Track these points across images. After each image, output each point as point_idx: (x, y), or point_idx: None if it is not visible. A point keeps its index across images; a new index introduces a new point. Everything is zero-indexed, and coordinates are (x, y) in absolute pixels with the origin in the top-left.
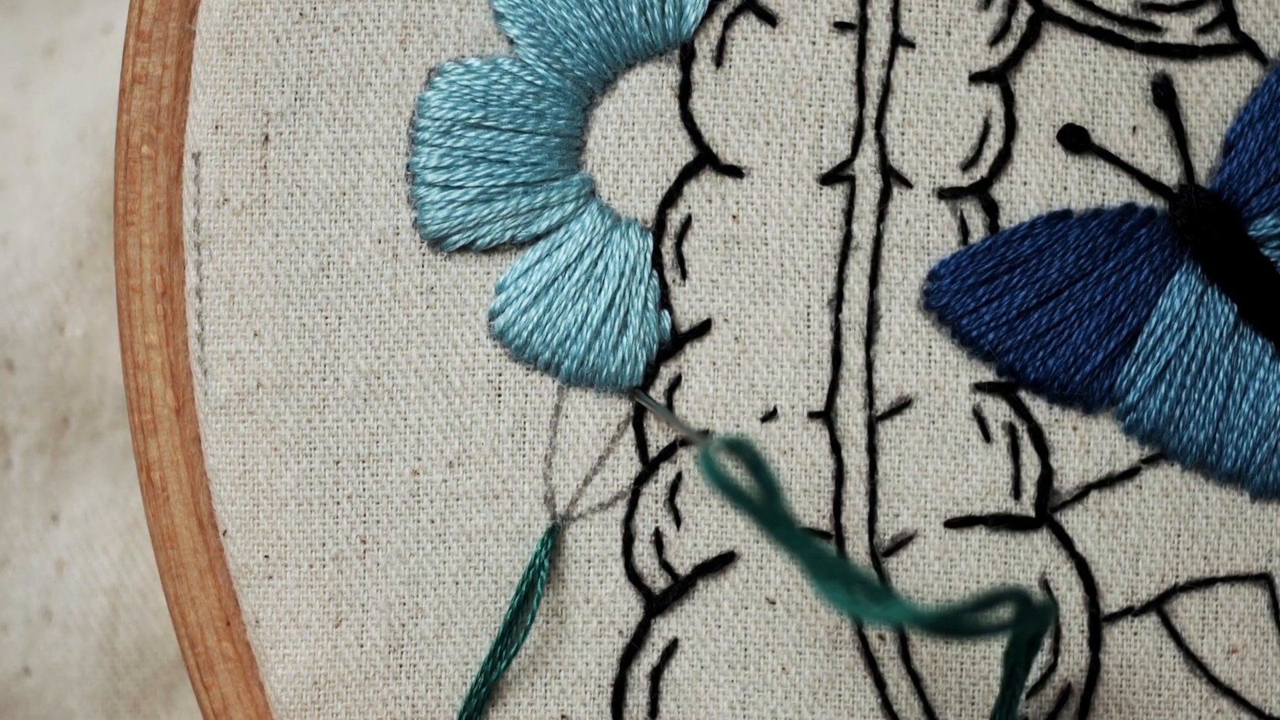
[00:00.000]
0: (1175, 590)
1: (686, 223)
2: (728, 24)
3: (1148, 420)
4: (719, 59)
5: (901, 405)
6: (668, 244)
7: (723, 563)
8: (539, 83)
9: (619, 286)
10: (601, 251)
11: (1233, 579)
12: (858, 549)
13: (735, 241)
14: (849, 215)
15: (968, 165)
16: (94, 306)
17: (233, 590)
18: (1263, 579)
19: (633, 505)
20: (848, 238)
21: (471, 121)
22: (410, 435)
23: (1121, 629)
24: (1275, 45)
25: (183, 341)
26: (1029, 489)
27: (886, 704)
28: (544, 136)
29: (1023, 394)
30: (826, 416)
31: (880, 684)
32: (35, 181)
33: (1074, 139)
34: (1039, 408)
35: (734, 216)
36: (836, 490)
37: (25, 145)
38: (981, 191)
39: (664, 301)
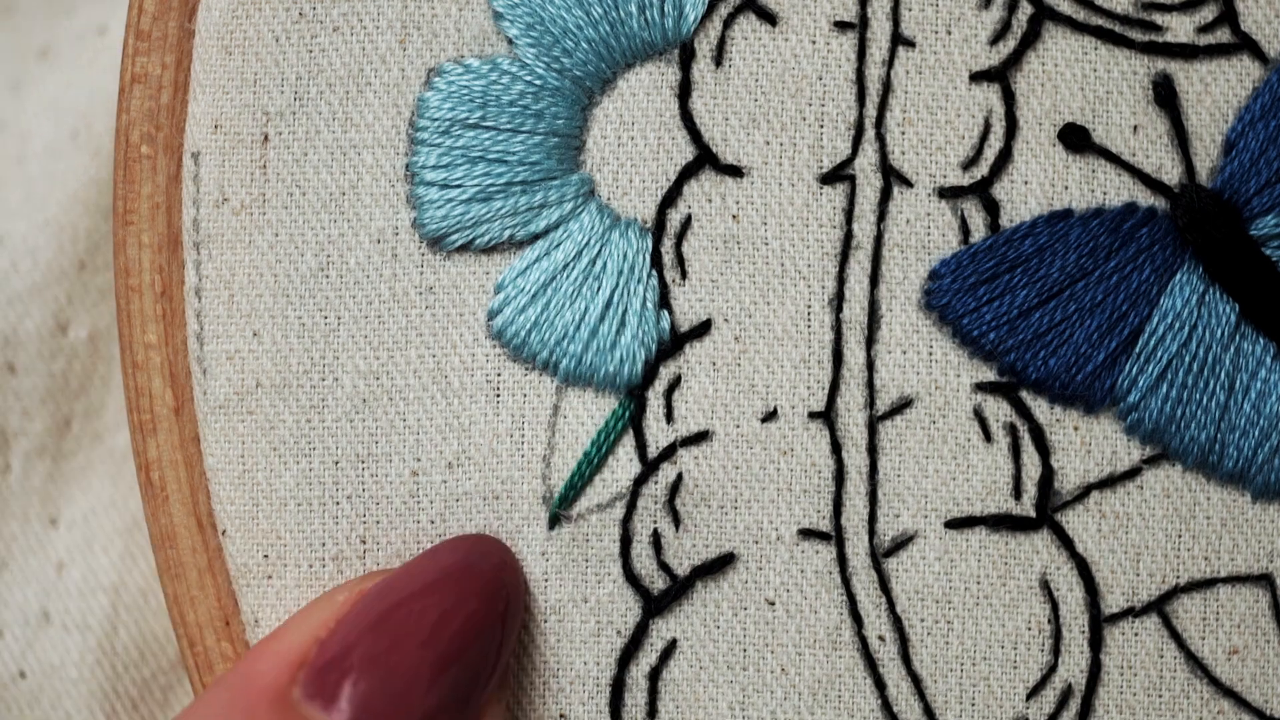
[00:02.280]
0: (1176, 591)
1: (686, 222)
2: (727, 23)
3: (1149, 420)
4: (719, 58)
5: (902, 405)
6: (667, 244)
7: (722, 564)
8: (538, 82)
9: (617, 285)
10: (600, 251)
11: (1234, 580)
12: (858, 549)
13: (735, 241)
14: (849, 215)
15: (968, 164)
16: (97, 308)
17: (232, 590)
18: (1264, 580)
19: (631, 506)
20: (848, 237)
21: (470, 121)
22: (409, 435)
23: (1122, 630)
24: (1276, 45)
25: (182, 341)
26: (1030, 489)
27: (886, 705)
28: (543, 136)
29: (1024, 394)
30: (827, 416)
31: (880, 685)
32: (27, 182)
33: (1075, 138)
34: (1040, 408)
35: (734, 216)
36: (837, 490)
37: (18, 147)
38: (982, 190)
39: (663, 301)
